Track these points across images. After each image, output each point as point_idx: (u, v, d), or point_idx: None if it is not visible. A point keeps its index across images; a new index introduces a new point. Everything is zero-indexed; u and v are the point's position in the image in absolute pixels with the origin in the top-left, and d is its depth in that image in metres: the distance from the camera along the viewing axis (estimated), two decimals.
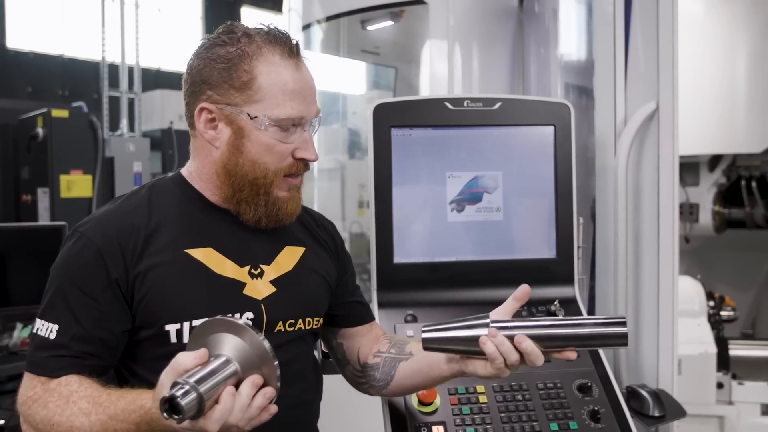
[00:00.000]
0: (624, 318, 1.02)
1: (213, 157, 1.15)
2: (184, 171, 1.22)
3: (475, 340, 1.03)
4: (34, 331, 1.11)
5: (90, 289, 1.08)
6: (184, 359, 0.92)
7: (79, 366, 1.07)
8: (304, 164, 1.16)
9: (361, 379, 1.31)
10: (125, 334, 1.12)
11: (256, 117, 1.10)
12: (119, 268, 1.09)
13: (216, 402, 0.90)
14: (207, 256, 1.14)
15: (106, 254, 1.09)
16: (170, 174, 1.24)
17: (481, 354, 1.05)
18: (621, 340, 1.01)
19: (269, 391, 0.94)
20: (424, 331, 1.07)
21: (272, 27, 1.15)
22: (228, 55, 1.11)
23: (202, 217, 1.17)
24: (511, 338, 1.03)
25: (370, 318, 1.36)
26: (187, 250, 1.13)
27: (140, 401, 0.98)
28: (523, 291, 1.10)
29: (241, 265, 1.16)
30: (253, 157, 1.12)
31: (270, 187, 1.14)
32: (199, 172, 1.19)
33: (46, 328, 1.09)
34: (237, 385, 0.93)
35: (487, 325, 1.04)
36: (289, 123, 1.12)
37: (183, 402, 0.86)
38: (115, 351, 1.12)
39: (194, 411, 0.87)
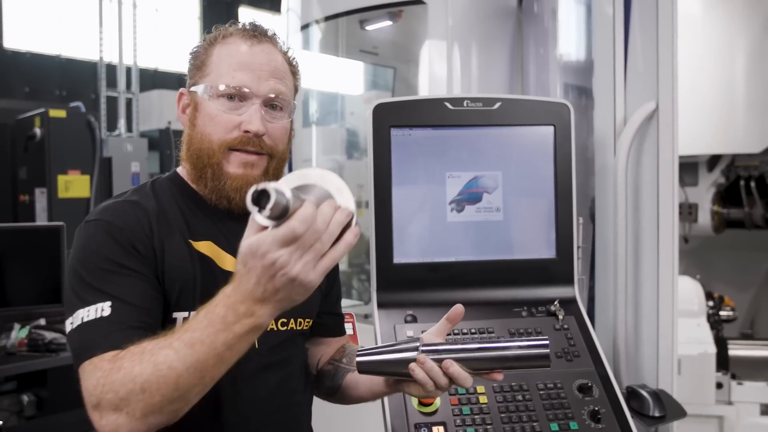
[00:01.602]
0: (547, 341, 1.03)
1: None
2: (179, 168, 1.24)
3: (405, 364, 1.03)
4: (78, 323, 1.03)
5: (128, 263, 1.06)
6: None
7: (141, 336, 0.99)
8: (253, 139, 1.13)
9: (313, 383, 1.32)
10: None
11: (202, 87, 1.14)
12: (147, 247, 1.08)
13: None
14: (210, 249, 1.14)
15: (130, 233, 1.08)
16: (168, 173, 1.25)
17: (412, 377, 1.04)
18: (543, 361, 1.02)
19: (347, 210, 0.87)
20: (358, 355, 1.08)
21: (254, 23, 1.20)
22: (200, 46, 1.20)
23: (199, 213, 1.17)
24: (440, 362, 1.02)
25: (342, 332, 1.38)
26: (192, 242, 1.13)
27: (217, 300, 0.90)
28: (456, 312, 1.09)
29: None
30: (201, 129, 1.14)
31: (214, 158, 1.13)
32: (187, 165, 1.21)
33: (96, 310, 1.02)
34: None
35: (416, 349, 1.04)
36: (231, 92, 1.12)
37: (272, 189, 0.78)
38: (159, 325, 1.07)
39: (283, 203, 0.80)
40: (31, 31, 9.25)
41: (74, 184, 4.96)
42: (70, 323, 1.03)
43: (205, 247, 1.14)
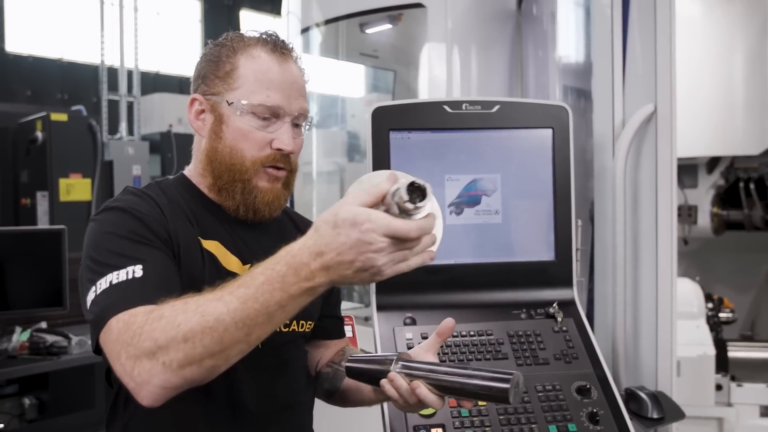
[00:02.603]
0: (510, 375, 0.96)
1: (201, 147, 1.20)
2: (185, 170, 1.25)
3: (380, 377, 1.04)
4: (106, 286, 0.98)
5: (152, 238, 1.06)
6: (378, 188, 0.85)
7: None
8: (283, 156, 1.17)
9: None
10: None
11: (233, 103, 1.15)
12: (165, 233, 1.09)
13: None
14: (216, 249, 1.15)
15: (149, 219, 1.09)
16: (173, 176, 1.26)
17: None
18: (503, 396, 0.96)
19: (434, 236, 0.90)
20: (348, 361, 1.09)
21: (270, 32, 1.20)
22: (219, 52, 1.18)
23: (207, 213, 1.19)
24: (412, 380, 1.01)
25: (342, 334, 1.38)
26: (200, 239, 1.14)
27: (278, 257, 0.88)
28: (446, 326, 1.08)
29: (244, 263, 1.17)
30: (230, 143, 1.15)
31: (246, 174, 1.15)
32: (196, 168, 1.22)
33: (127, 273, 0.98)
34: None
35: (391, 364, 1.03)
36: (265, 111, 1.14)
37: (430, 191, 0.81)
38: None
39: (427, 205, 0.82)
40: (32, 34, 9.27)
41: (76, 188, 4.98)
42: (94, 291, 0.99)
43: (212, 246, 1.15)
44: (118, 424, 1.14)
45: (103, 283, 0.98)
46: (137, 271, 0.99)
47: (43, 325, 3.24)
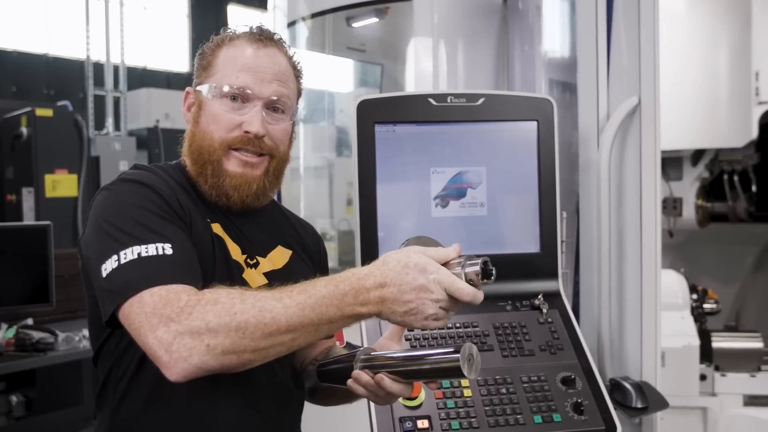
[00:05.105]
0: (458, 354, 0.93)
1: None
2: (182, 159, 1.25)
3: (346, 377, 1.04)
4: (134, 257, 0.97)
5: (173, 217, 1.06)
6: (446, 252, 0.96)
7: (203, 286, 0.97)
8: (253, 140, 1.15)
9: None
10: None
11: (207, 86, 1.17)
12: (182, 211, 1.09)
13: None
14: (222, 234, 1.16)
15: (167, 196, 1.09)
16: (172, 162, 1.26)
17: None
18: (455, 368, 0.94)
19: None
20: (318, 366, 1.11)
21: (259, 25, 1.22)
22: (205, 46, 1.22)
23: (207, 200, 1.19)
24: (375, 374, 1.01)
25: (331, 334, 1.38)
26: (208, 221, 1.15)
27: (344, 276, 0.94)
28: None
29: (243, 252, 1.18)
30: (203, 127, 1.17)
31: (215, 155, 1.15)
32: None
33: (156, 248, 0.98)
34: None
35: (355, 360, 1.04)
36: (234, 92, 1.15)
37: (493, 268, 0.93)
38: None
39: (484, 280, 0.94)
40: (17, 29, 9.17)
41: (62, 184, 4.94)
42: (117, 260, 0.97)
43: (218, 229, 1.16)
44: (109, 403, 1.14)
45: (129, 254, 0.97)
46: (167, 249, 0.99)
47: (29, 321, 3.23)
